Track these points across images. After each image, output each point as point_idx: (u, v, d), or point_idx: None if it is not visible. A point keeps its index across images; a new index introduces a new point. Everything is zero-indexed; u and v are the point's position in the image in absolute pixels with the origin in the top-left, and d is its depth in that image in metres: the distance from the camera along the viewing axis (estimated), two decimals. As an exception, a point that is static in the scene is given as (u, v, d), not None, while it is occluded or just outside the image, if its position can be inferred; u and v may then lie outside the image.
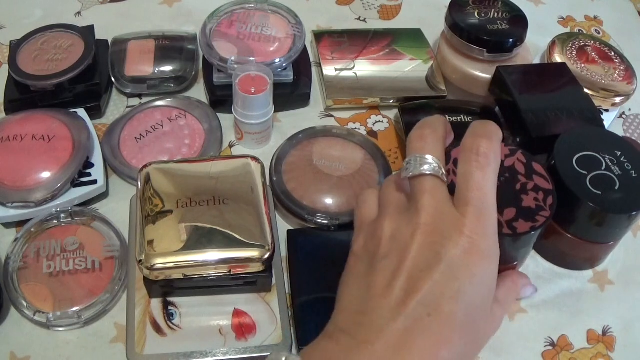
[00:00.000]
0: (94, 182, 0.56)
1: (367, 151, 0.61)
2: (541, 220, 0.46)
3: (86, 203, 0.57)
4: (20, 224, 0.55)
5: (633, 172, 0.52)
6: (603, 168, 0.52)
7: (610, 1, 0.87)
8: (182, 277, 0.47)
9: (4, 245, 0.53)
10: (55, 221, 0.54)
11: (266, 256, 0.46)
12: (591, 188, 0.51)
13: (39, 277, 0.50)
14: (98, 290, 0.50)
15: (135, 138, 0.60)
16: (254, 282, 0.49)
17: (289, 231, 0.55)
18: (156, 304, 0.50)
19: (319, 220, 0.55)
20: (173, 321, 0.49)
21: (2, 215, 0.54)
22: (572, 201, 0.50)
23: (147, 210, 0.48)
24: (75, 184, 0.56)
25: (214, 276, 0.47)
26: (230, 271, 0.47)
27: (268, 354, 0.47)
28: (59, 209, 0.54)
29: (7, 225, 0.56)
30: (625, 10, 0.86)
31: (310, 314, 0.49)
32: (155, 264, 0.45)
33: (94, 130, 0.60)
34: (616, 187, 0.51)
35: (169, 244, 0.46)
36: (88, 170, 0.57)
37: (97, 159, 0.58)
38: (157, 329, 0.49)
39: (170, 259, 0.45)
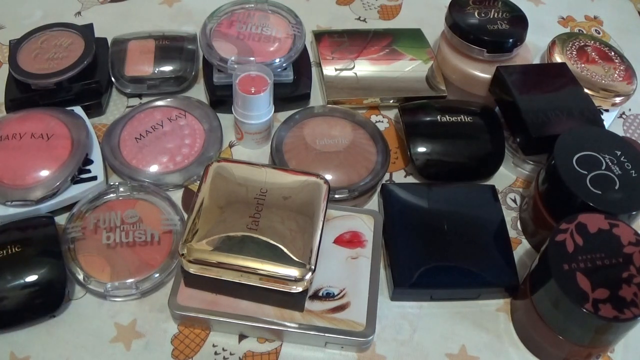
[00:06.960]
0: (94, 178, 0.56)
1: (366, 131, 0.62)
2: (628, 315, 0.43)
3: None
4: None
5: (633, 172, 0.52)
6: (603, 168, 0.52)
7: (610, 1, 0.87)
8: (216, 277, 0.46)
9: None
10: (113, 194, 0.55)
11: (307, 276, 0.45)
12: (591, 188, 0.51)
13: (98, 248, 0.51)
14: (156, 263, 0.51)
15: (135, 138, 0.60)
16: (288, 299, 0.48)
17: (383, 185, 0.59)
18: None
19: (337, 196, 0.56)
20: None
21: (2, 214, 0.53)
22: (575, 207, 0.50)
23: (204, 203, 0.47)
24: (75, 180, 0.56)
25: (249, 284, 0.46)
26: (266, 283, 0.46)
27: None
28: (117, 182, 0.55)
29: (7, 224, 0.56)
30: (625, 10, 0.87)
31: (404, 258, 0.53)
32: (194, 258, 0.45)
33: (91, 127, 0.60)
34: (616, 187, 0.51)
35: (214, 242, 0.45)
36: (88, 167, 0.57)
37: (96, 155, 0.58)
38: None
39: (211, 257, 0.45)
